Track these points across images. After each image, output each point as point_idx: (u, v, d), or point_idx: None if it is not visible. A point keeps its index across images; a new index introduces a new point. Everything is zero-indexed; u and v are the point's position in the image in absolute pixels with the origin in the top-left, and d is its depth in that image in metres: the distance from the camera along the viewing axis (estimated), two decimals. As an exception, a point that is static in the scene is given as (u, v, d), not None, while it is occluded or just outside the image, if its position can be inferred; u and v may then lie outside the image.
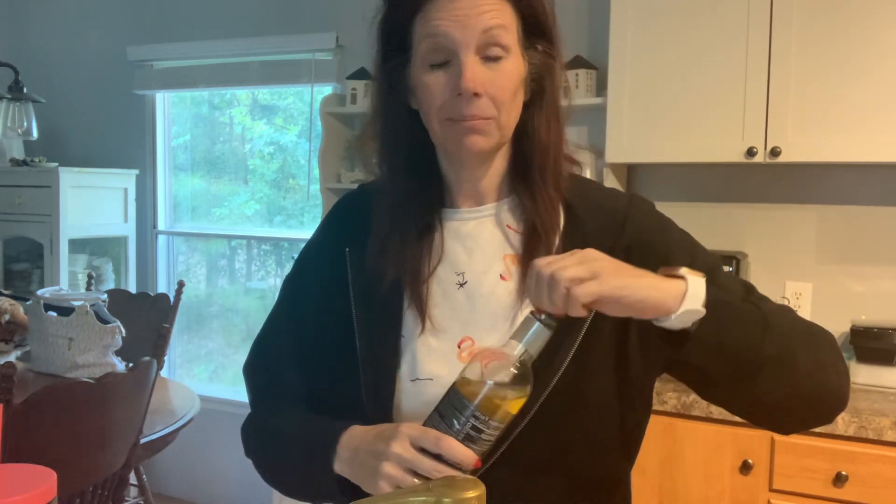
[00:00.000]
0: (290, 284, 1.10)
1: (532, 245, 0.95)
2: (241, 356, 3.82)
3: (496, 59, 0.90)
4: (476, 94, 0.89)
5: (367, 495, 0.87)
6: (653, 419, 1.07)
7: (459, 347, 0.95)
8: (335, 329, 1.00)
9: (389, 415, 0.95)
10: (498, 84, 0.90)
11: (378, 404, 0.95)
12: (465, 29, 0.88)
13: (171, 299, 2.96)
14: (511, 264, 0.96)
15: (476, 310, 0.96)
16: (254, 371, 1.11)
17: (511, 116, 0.93)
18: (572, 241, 0.94)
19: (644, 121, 2.36)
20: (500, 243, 0.97)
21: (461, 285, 0.97)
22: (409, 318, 0.97)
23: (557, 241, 0.96)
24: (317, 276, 1.05)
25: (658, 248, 0.95)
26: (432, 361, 0.95)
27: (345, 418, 0.95)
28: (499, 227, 0.98)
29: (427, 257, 0.98)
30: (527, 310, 0.92)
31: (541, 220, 0.95)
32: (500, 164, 0.98)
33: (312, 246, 1.09)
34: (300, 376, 1.05)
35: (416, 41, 0.92)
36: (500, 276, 0.96)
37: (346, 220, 1.06)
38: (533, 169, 0.96)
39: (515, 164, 0.98)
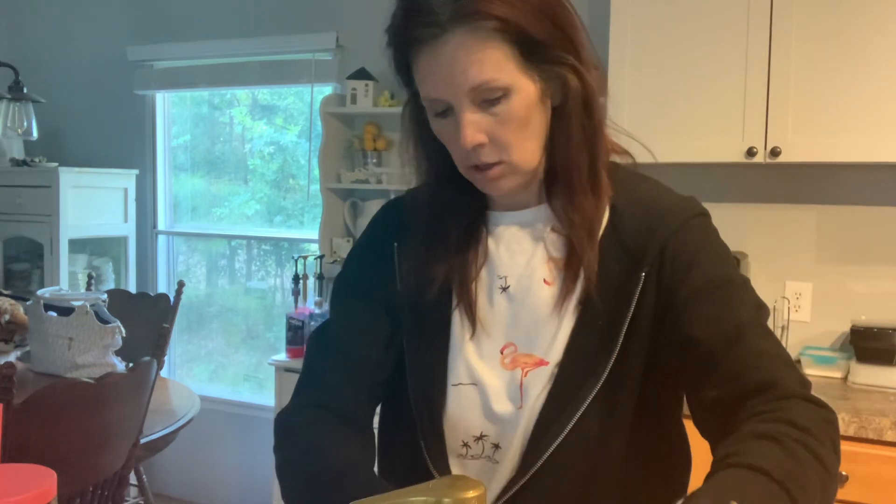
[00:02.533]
0: (343, 282, 1.05)
1: (570, 251, 0.92)
2: (242, 356, 3.82)
3: (496, 100, 0.85)
4: (480, 145, 0.86)
5: None
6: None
7: (502, 353, 0.94)
8: (384, 327, 0.99)
9: (439, 419, 0.95)
10: (501, 127, 0.86)
11: (426, 407, 0.95)
12: (452, 87, 0.85)
13: (171, 299, 2.96)
14: (554, 268, 0.94)
15: (519, 315, 0.94)
16: (310, 353, 1.03)
17: (526, 148, 0.89)
18: (610, 242, 0.92)
19: (644, 121, 2.36)
20: (543, 247, 0.95)
21: (504, 289, 0.95)
22: (457, 321, 0.96)
23: (600, 237, 0.93)
24: (366, 271, 1.03)
25: (687, 254, 0.89)
26: (475, 366, 0.94)
27: (394, 418, 0.97)
28: (541, 231, 0.95)
29: (473, 259, 0.96)
30: (569, 316, 0.91)
31: (573, 228, 0.91)
32: (534, 176, 0.94)
33: (361, 244, 1.07)
34: (351, 371, 0.99)
35: (418, 88, 0.89)
36: (544, 280, 0.94)
37: (393, 217, 1.04)
38: (560, 180, 0.92)
39: (549, 169, 0.94)
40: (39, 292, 2.54)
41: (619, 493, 0.93)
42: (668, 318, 0.89)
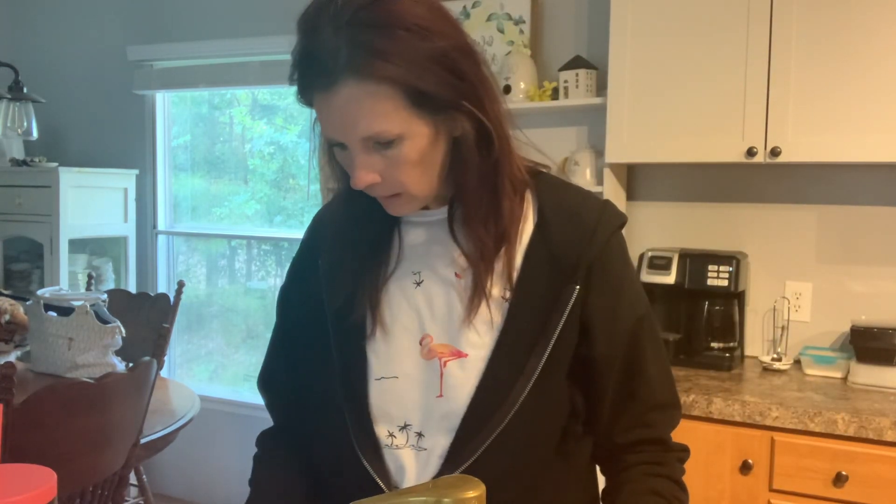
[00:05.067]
0: (281, 297, 1.15)
1: (478, 256, 0.96)
2: (241, 356, 3.82)
3: (388, 144, 0.87)
4: (374, 183, 0.90)
5: None
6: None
7: (421, 344, 0.98)
8: (318, 336, 1.05)
9: (366, 413, 0.99)
10: (395, 168, 0.89)
11: (353, 405, 1.00)
12: (344, 134, 0.87)
13: (171, 299, 2.96)
14: (465, 262, 0.97)
15: (433, 307, 0.99)
16: (261, 387, 1.16)
17: (422, 183, 0.92)
18: (538, 250, 0.97)
19: (644, 121, 2.36)
20: (453, 243, 0.99)
21: (418, 284, 1.00)
22: (370, 319, 1.01)
23: (527, 242, 0.97)
24: (299, 287, 1.11)
25: (612, 279, 0.99)
26: (396, 359, 0.99)
27: (330, 420, 1.01)
28: (451, 228, 0.99)
29: (385, 263, 1.02)
30: (489, 311, 0.96)
31: (477, 237, 0.96)
32: (439, 182, 0.96)
33: (295, 258, 1.14)
34: (291, 384, 1.11)
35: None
36: (455, 273, 0.99)
37: (319, 231, 1.11)
38: (458, 204, 0.97)
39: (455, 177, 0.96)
40: (39, 292, 2.54)
41: (546, 487, 1.00)
42: (583, 334, 0.98)
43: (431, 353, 0.97)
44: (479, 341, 0.96)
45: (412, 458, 0.98)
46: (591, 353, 0.98)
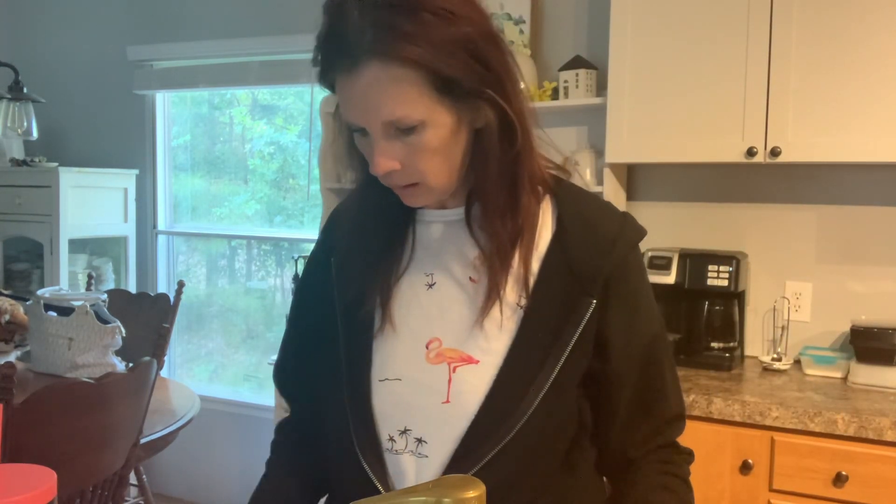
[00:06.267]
0: (296, 291, 1.16)
1: (494, 251, 0.95)
2: (241, 356, 3.82)
3: (410, 130, 0.86)
4: (393, 170, 0.89)
5: None
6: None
7: (427, 348, 0.96)
8: (328, 332, 1.03)
9: (368, 414, 0.98)
10: (415, 156, 0.88)
11: (356, 404, 0.98)
12: (366, 118, 0.86)
13: (171, 299, 2.96)
14: (480, 266, 0.96)
15: (444, 310, 0.97)
16: (275, 381, 1.17)
17: (442, 173, 0.91)
18: (556, 259, 0.96)
19: (644, 121, 2.36)
20: (469, 245, 0.97)
21: (430, 286, 0.98)
22: (379, 318, 0.99)
23: (545, 249, 0.96)
24: (313, 283, 1.10)
25: (630, 295, 0.98)
26: (400, 361, 0.97)
27: (335, 418, 1.00)
28: (467, 229, 0.97)
29: (397, 260, 1.00)
30: (502, 318, 0.94)
31: (486, 244, 0.95)
32: (458, 175, 0.95)
33: (312, 254, 1.14)
34: (303, 379, 1.11)
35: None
36: (470, 277, 0.97)
37: (334, 228, 1.10)
38: (478, 199, 0.95)
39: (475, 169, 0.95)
40: (39, 292, 2.54)
41: (549, 498, 0.98)
42: (598, 348, 0.97)
43: (440, 358, 0.95)
44: (491, 348, 0.94)
45: (412, 464, 0.96)
46: (605, 369, 0.97)
